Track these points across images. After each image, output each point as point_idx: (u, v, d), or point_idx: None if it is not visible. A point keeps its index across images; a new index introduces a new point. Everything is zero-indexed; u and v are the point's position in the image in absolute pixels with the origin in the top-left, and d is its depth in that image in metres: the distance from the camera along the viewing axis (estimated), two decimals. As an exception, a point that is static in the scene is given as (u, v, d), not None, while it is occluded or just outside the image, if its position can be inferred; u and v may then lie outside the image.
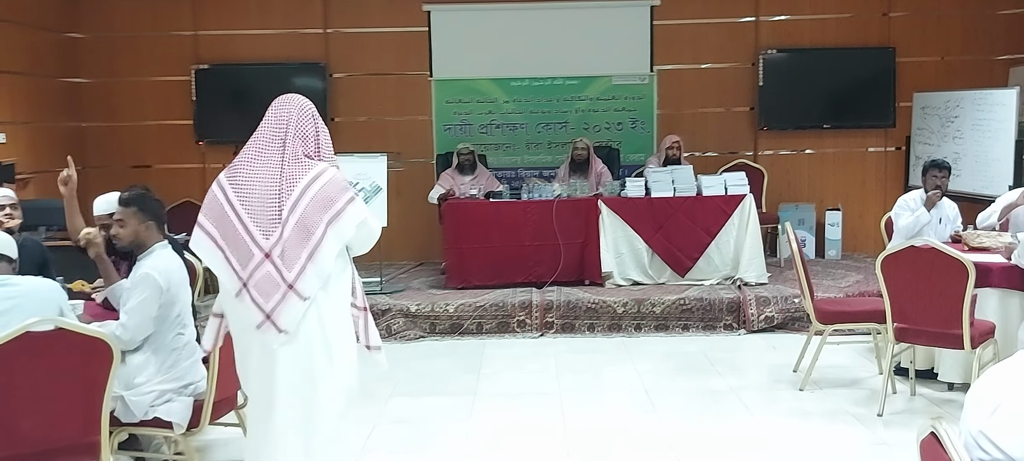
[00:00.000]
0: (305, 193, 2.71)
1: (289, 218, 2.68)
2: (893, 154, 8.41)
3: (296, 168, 2.73)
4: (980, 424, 1.63)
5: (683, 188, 6.91)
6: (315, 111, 2.89)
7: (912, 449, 1.86)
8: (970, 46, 8.22)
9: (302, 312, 2.69)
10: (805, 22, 8.28)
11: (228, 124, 8.16)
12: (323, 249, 2.70)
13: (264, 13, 8.26)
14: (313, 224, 2.70)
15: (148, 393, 3.34)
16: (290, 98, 2.85)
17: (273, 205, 2.70)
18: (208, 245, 2.76)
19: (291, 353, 2.72)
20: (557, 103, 8.37)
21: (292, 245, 2.68)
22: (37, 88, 7.50)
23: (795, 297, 6.25)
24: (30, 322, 2.82)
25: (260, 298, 2.69)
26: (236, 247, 2.71)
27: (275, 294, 2.67)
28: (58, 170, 4.20)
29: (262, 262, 2.69)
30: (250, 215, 2.71)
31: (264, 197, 2.71)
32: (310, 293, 2.70)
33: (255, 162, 2.77)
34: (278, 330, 2.69)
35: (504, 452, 4.14)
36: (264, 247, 2.69)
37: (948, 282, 4.18)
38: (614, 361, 5.66)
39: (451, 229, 6.89)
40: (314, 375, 2.74)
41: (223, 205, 2.74)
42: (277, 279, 2.67)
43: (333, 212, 2.72)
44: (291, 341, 2.71)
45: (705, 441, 4.18)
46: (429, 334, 6.30)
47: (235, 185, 2.75)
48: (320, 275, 2.71)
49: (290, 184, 2.71)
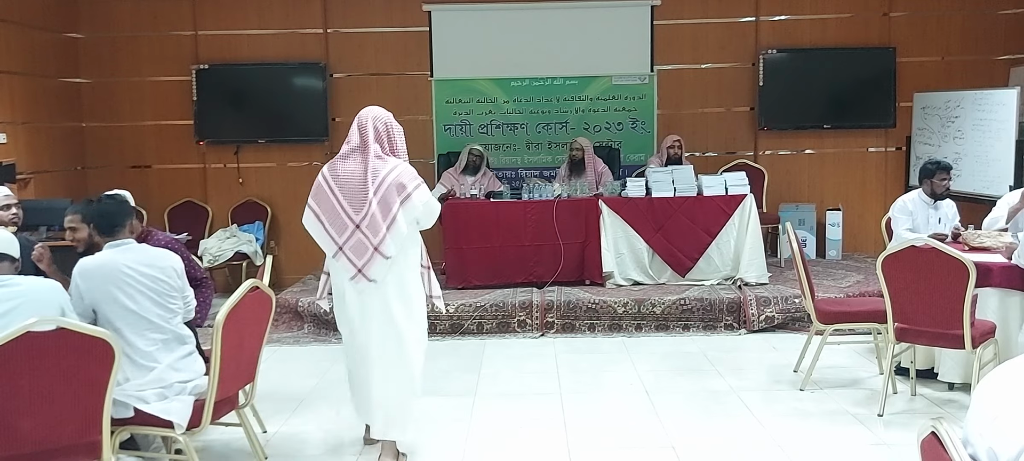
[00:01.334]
0: (384, 180, 3.68)
1: (373, 199, 3.66)
2: (893, 154, 8.41)
3: (377, 163, 3.71)
4: (981, 428, 1.63)
5: (683, 188, 6.91)
6: (390, 118, 3.89)
7: (913, 449, 1.85)
8: (970, 46, 8.21)
9: (387, 267, 3.67)
10: (805, 22, 8.28)
11: (228, 124, 8.18)
12: (398, 221, 3.66)
13: (264, 13, 8.25)
14: (391, 203, 3.66)
15: (124, 393, 3.32)
16: (370, 109, 3.89)
17: (361, 189, 3.69)
18: (312, 219, 3.79)
19: (378, 297, 3.73)
20: (557, 103, 8.37)
21: (376, 219, 3.65)
22: (37, 88, 7.49)
23: (796, 297, 6.25)
24: (30, 322, 2.82)
25: (354, 257, 3.68)
26: (334, 220, 3.73)
27: (365, 254, 3.66)
28: (58, 170, 4.21)
29: (354, 231, 3.68)
30: (345, 197, 3.71)
31: (354, 184, 3.71)
32: (391, 253, 3.66)
33: (347, 159, 3.77)
34: (368, 280, 3.69)
35: (504, 453, 4.14)
36: (355, 220, 3.68)
37: (949, 282, 4.18)
38: (614, 361, 5.66)
39: (451, 229, 6.89)
40: (393, 313, 3.75)
41: (326, 190, 3.76)
42: (366, 243, 3.65)
43: (404, 195, 3.69)
44: (378, 289, 3.71)
45: (705, 441, 4.18)
46: (429, 334, 6.27)
47: (334, 175, 3.76)
48: (396, 241, 3.67)
49: (374, 174, 3.69)
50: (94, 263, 3.43)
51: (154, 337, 3.43)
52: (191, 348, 3.56)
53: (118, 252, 3.47)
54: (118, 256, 3.44)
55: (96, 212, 3.58)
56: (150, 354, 3.40)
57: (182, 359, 3.48)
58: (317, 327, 6.48)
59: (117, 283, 3.38)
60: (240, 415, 3.82)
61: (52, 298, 3.21)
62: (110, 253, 3.46)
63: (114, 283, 3.38)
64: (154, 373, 3.39)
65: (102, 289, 3.38)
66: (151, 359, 3.40)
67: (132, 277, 3.41)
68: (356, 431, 4.28)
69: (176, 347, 3.48)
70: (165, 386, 3.40)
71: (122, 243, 3.50)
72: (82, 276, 3.40)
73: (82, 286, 3.39)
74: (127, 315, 3.38)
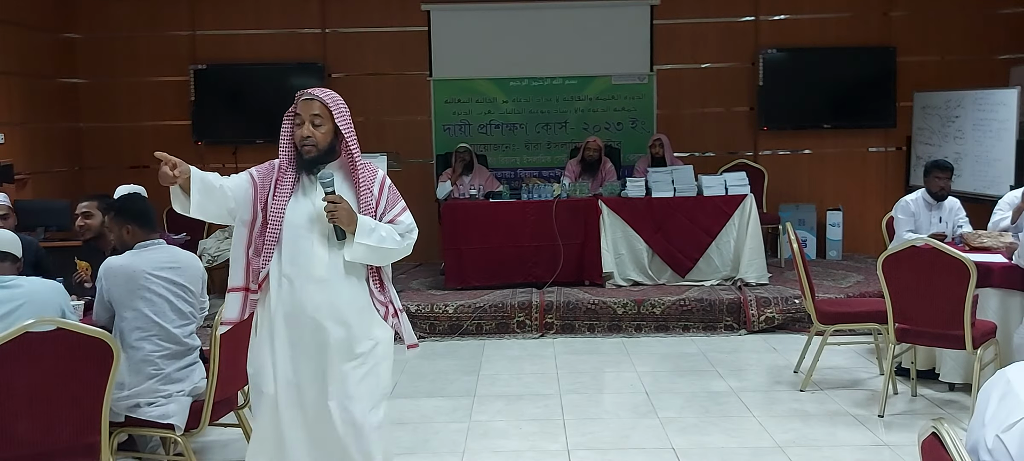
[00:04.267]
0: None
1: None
2: (894, 154, 8.39)
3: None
4: (996, 428, 1.61)
5: (683, 188, 6.90)
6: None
7: (913, 450, 1.84)
8: (971, 46, 8.20)
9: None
10: (805, 21, 8.27)
11: (226, 124, 8.16)
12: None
13: (262, 13, 8.24)
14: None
15: (120, 398, 3.30)
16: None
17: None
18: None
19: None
20: (556, 103, 8.36)
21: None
22: (34, 89, 7.48)
23: (796, 298, 6.23)
24: (28, 323, 2.80)
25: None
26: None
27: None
28: (56, 170, 4.21)
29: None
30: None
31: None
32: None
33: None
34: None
35: (504, 454, 4.12)
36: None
37: (949, 282, 4.17)
38: (614, 362, 5.64)
39: (450, 229, 6.87)
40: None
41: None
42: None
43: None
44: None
45: (706, 443, 4.16)
46: (428, 335, 6.28)
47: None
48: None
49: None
50: (119, 264, 3.42)
51: (163, 345, 3.41)
52: (195, 357, 3.54)
53: (147, 253, 3.46)
54: (145, 258, 3.43)
55: (138, 211, 3.55)
56: (154, 361, 3.38)
57: (183, 369, 3.46)
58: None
59: (138, 288, 3.38)
60: (239, 416, 3.81)
61: (53, 299, 3.20)
62: (137, 256, 3.45)
63: (135, 288, 3.38)
64: (152, 382, 3.37)
65: (123, 290, 3.38)
66: (154, 366, 3.38)
67: (155, 282, 3.40)
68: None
69: (183, 356, 3.47)
70: (163, 395, 3.38)
71: (154, 243, 3.51)
72: (106, 275, 3.41)
73: (104, 284, 3.41)
74: (140, 319, 3.38)
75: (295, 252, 2.89)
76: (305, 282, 2.88)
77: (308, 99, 2.89)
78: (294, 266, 2.89)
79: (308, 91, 2.92)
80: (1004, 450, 1.58)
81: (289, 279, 2.89)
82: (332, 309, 2.89)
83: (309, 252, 2.89)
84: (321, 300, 2.88)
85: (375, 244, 2.88)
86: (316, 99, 2.88)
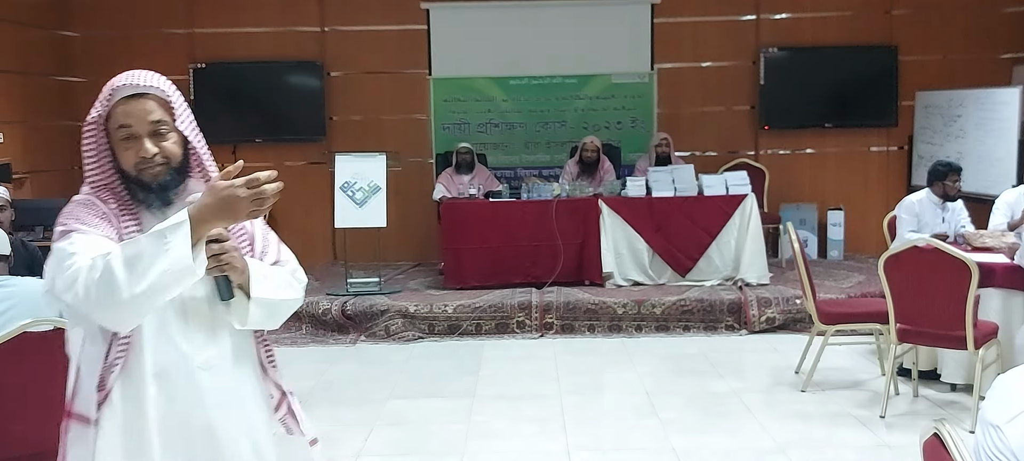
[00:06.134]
0: None
1: None
2: (896, 154, 8.36)
3: None
4: (999, 420, 1.60)
5: (684, 188, 6.87)
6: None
7: (915, 451, 1.82)
8: (973, 44, 8.16)
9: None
10: (806, 20, 8.23)
11: (225, 123, 8.11)
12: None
13: (260, 11, 8.21)
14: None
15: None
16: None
17: None
18: None
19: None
20: (556, 102, 8.33)
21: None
22: (31, 87, 7.45)
23: (797, 298, 6.20)
24: (26, 323, 2.79)
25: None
26: None
27: None
28: (54, 170, 4.17)
29: None
30: None
31: None
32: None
33: None
34: None
35: (503, 455, 4.10)
36: None
37: (951, 283, 4.15)
38: (614, 362, 5.62)
39: (449, 229, 6.84)
40: None
41: None
42: None
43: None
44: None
45: (706, 444, 4.14)
46: (427, 335, 6.25)
47: None
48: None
49: None
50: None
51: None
52: None
53: None
54: None
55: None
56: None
57: None
58: (315, 328, 6.43)
59: None
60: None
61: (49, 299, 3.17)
62: None
63: None
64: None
65: None
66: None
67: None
68: (355, 432, 4.24)
69: None
70: None
71: None
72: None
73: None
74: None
75: (165, 333, 1.81)
76: (188, 377, 1.81)
77: (137, 96, 1.83)
78: (168, 354, 1.81)
79: (130, 83, 1.84)
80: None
81: (162, 377, 1.80)
82: (232, 411, 1.86)
83: (184, 329, 1.83)
84: (214, 400, 1.83)
85: (273, 297, 1.88)
86: (150, 95, 1.84)
